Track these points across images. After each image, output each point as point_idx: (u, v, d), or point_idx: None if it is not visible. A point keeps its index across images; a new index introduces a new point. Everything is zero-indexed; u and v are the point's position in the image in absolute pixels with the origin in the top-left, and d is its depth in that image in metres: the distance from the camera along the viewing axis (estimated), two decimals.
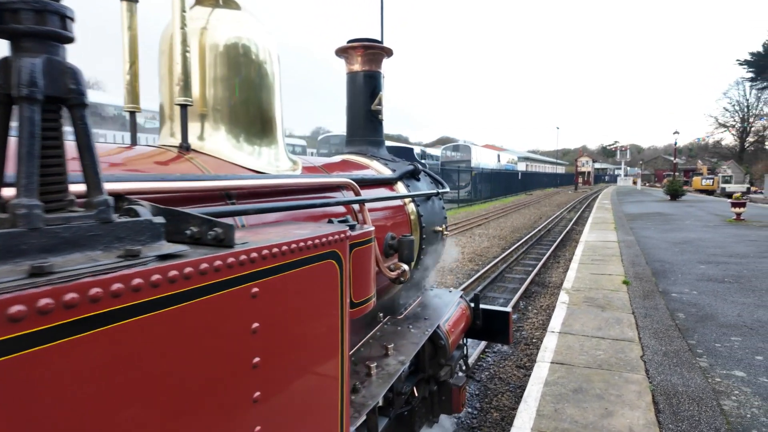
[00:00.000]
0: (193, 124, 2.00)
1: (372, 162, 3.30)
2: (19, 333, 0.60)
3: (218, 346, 0.99)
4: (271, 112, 2.19)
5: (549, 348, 4.14)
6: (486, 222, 20.62)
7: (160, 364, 0.84)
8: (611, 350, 4.07)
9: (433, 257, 3.57)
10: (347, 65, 3.41)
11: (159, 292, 0.83)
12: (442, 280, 9.46)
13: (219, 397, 0.99)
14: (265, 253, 1.14)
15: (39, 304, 0.62)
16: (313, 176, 2.30)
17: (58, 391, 0.66)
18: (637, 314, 5.16)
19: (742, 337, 4.33)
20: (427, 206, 3.45)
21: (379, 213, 2.82)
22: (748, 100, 70.09)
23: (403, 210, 3.14)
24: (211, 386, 0.97)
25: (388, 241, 2.74)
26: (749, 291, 6.09)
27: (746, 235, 11.42)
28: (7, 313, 0.59)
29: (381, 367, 2.58)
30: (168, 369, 0.86)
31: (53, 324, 0.64)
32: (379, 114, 3.50)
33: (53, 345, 0.65)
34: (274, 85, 2.21)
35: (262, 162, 2.12)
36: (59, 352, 0.66)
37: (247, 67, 2.07)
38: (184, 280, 0.91)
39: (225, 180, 1.66)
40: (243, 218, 1.73)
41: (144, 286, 0.79)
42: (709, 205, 22.77)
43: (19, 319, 0.60)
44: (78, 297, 0.67)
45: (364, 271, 1.95)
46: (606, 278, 7.09)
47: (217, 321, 1.00)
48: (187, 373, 0.90)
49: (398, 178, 3.20)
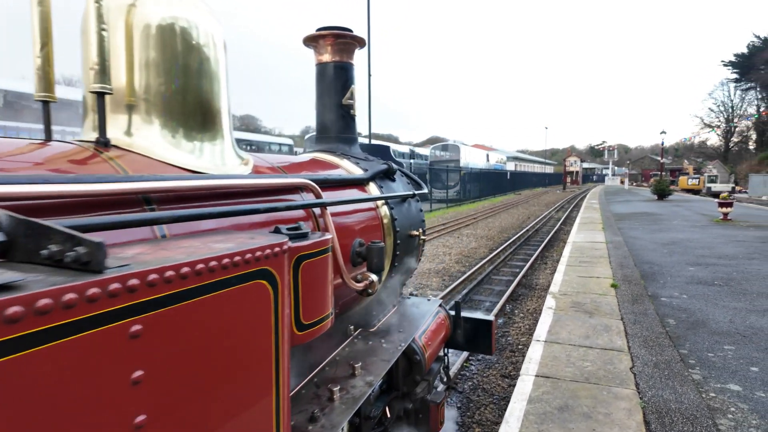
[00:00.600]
0: (118, 117, 1.71)
1: (342, 161, 3.03)
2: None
3: (78, 405, 0.72)
4: (214, 104, 1.90)
5: (534, 359, 3.90)
6: (474, 222, 20.45)
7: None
8: (599, 361, 3.84)
9: (410, 264, 3.31)
10: (316, 55, 3.13)
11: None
12: (427, 283, 9.23)
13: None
14: (152, 279, 0.87)
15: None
16: (263, 177, 2.01)
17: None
18: (626, 320, 4.95)
19: (735, 346, 4.13)
20: (402, 209, 3.19)
21: (346, 217, 2.54)
22: (733, 100, 71.19)
23: (375, 213, 2.87)
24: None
25: (356, 248, 2.47)
26: (740, 294, 5.92)
27: (734, 236, 11.34)
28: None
29: (346, 389, 2.31)
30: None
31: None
32: (351, 109, 3.23)
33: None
34: (218, 73, 1.92)
35: (203, 161, 1.84)
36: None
37: (186, 52, 1.78)
38: (8, 325, 0.64)
39: (137, 182, 1.37)
40: (165, 228, 1.44)
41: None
42: (696, 205, 22.85)
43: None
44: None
45: (317, 286, 1.68)
46: (594, 281, 6.90)
47: (73, 375, 0.72)
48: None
49: (369, 178, 2.93)
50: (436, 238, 15.39)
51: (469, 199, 35.08)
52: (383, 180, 3.15)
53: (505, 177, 50.28)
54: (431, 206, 26.21)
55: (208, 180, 1.60)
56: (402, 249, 3.10)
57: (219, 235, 1.36)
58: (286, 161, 2.55)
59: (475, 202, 33.67)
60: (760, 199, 35.76)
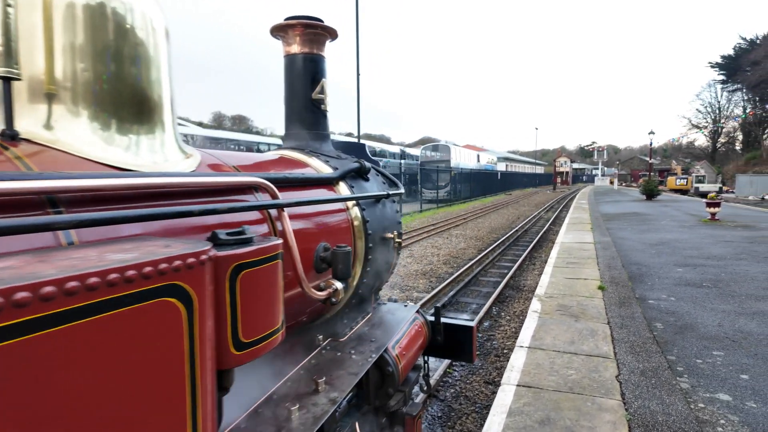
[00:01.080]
0: (36, 107, 1.49)
1: (310, 159, 2.84)
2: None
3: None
4: (153, 93, 1.69)
5: (516, 367, 3.73)
6: (464, 222, 20.33)
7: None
8: (584, 369, 3.68)
9: (383, 268, 3.13)
10: (284, 46, 2.93)
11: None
12: (414, 284, 9.05)
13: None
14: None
15: None
16: (206, 175, 1.81)
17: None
18: (612, 324, 4.81)
19: (724, 351, 3.99)
20: (375, 210, 3.00)
21: (310, 220, 2.34)
22: (720, 101, 72.03)
23: (344, 215, 2.68)
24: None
25: (320, 254, 2.27)
26: (728, 297, 5.81)
27: (722, 236, 11.30)
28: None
29: (306, 408, 2.11)
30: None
31: None
32: (322, 104, 3.04)
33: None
34: (158, 60, 1.72)
35: (140, 158, 1.63)
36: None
37: (119, 36, 1.57)
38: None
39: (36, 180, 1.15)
40: (73, 234, 1.24)
41: None
42: (684, 205, 22.93)
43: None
44: None
45: (262, 298, 1.48)
46: (581, 283, 6.76)
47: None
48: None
49: (338, 177, 2.74)
50: (426, 238, 15.23)
51: (460, 199, 35.01)
52: (355, 179, 2.96)
53: (495, 177, 50.33)
54: (421, 207, 26.07)
55: (131, 178, 1.39)
56: (375, 253, 2.91)
57: (129, 243, 1.16)
58: (246, 159, 2.35)
59: (465, 203, 33.60)
60: (747, 199, 36.13)
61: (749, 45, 62.87)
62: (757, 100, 62.82)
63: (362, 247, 2.80)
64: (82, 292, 0.80)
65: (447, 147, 40.96)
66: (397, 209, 3.38)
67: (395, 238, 3.14)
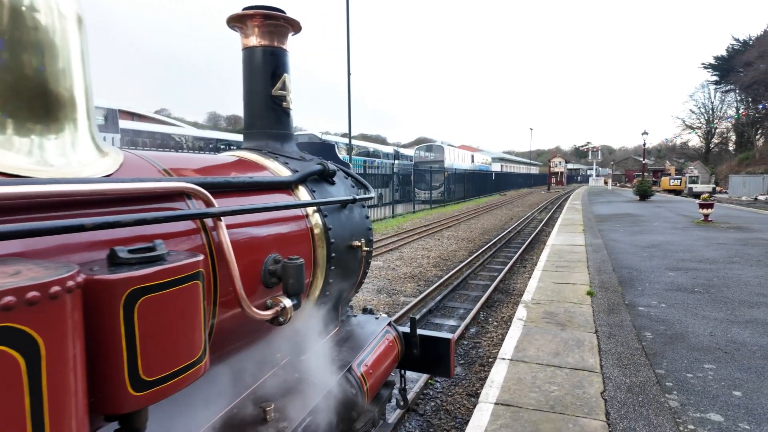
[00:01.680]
0: None
1: (268, 161, 2.61)
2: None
3: None
4: (59, 87, 1.45)
5: (496, 382, 3.51)
6: (457, 223, 20.13)
7: None
8: (568, 384, 3.47)
9: (350, 280, 2.89)
10: (242, 39, 2.70)
11: None
12: (402, 288, 8.83)
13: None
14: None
15: None
16: (118, 181, 1.56)
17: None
18: (600, 333, 4.60)
19: (716, 364, 3.79)
20: (340, 216, 2.76)
21: (259, 229, 2.11)
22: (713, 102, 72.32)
23: (302, 222, 2.45)
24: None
25: (269, 266, 2.04)
26: (720, 303, 5.62)
27: (714, 238, 11.15)
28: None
29: None
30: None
31: None
32: (284, 101, 2.80)
33: None
34: (67, 50, 1.47)
35: (45, 161, 1.40)
36: None
37: (13, 20, 1.34)
38: None
39: None
40: None
41: None
42: (677, 206, 22.84)
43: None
44: None
45: (173, 327, 1.25)
46: (569, 288, 6.56)
47: None
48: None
49: (297, 181, 2.51)
50: (416, 240, 15.01)
51: (454, 200, 34.85)
52: (318, 183, 2.74)
53: (490, 178, 50.22)
54: (414, 207, 25.86)
55: (30, 187, 1.15)
56: (338, 263, 2.68)
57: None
58: (184, 162, 2.11)
59: (459, 203, 33.42)
60: (740, 200, 36.17)
61: (742, 46, 63.09)
62: (750, 101, 63.05)
63: (324, 256, 2.57)
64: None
65: (441, 147, 40.74)
66: (367, 215, 3.15)
67: (363, 247, 2.91)
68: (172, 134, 23.73)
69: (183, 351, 1.29)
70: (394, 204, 23.08)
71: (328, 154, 3.47)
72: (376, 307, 7.38)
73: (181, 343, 1.28)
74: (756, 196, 38.35)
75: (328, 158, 3.26)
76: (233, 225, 1.91)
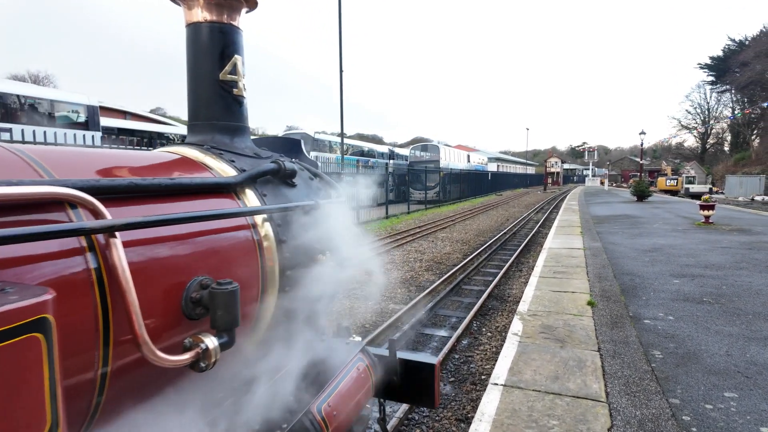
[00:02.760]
0: None
1: (209, 159, 2.12)
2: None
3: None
4: None
5: (486, 415, 3.03)
6: (452, 225, 19.66)
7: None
8: (570, 417, 3.00)
9: (312, 304, 2.40)
10: (186, 13, 2.20)
11: None
12: (391, 295, 8.33)
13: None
14: None
15: None
16: None
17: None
18: (603, 352, 4.13)
19: (738, 392, 3.32)
20: (299, 224, 2.27)
21: (180, 245, 1.61)
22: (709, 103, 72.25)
23: (247, 233, 1.96)
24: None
25: (191, 294, 1.55)
26: (734, 316, 5.16)
27: (718, 241, 10.72)
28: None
29: None
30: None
31: None
32: (235, 87, 2.30)
33: None
34: None
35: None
36: None
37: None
38: None
39: None
40: None
41: None
42: (676, 207, 22.44)
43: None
44: None
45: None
46: (568, 297, 6.09)
47: None
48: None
49: (240, 183, 2.02)
50: (410, 242, 14.53)
51: (449, 200, 34.40)
52: (274, 185, 2.26)
53: (486, 178, 49.79)
54: (409, 208, 25.36)
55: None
56: (296, 284, 2.20)
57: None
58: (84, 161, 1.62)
59: (455, 204, 32.96)
60: (737, 200, 35.91)
61: (738, 46, 62.95)
62: (746, 102, 62.94)
63: (276, 274, 2.09)
64: None
65: (436, 147, 40.30)
66: (345, 221, 2.65)
67: (329, 261, 2.42)
68: (165, 133, 23.18)
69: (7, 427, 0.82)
70: (388, 204, 22.58)
71: (293, 149, 2.97)
72: (360, 318, 6.88)
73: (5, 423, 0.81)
74: (752, 197, 38.13)
75: (292, 155, 2.78)
76: (141, 241, 1.42)
